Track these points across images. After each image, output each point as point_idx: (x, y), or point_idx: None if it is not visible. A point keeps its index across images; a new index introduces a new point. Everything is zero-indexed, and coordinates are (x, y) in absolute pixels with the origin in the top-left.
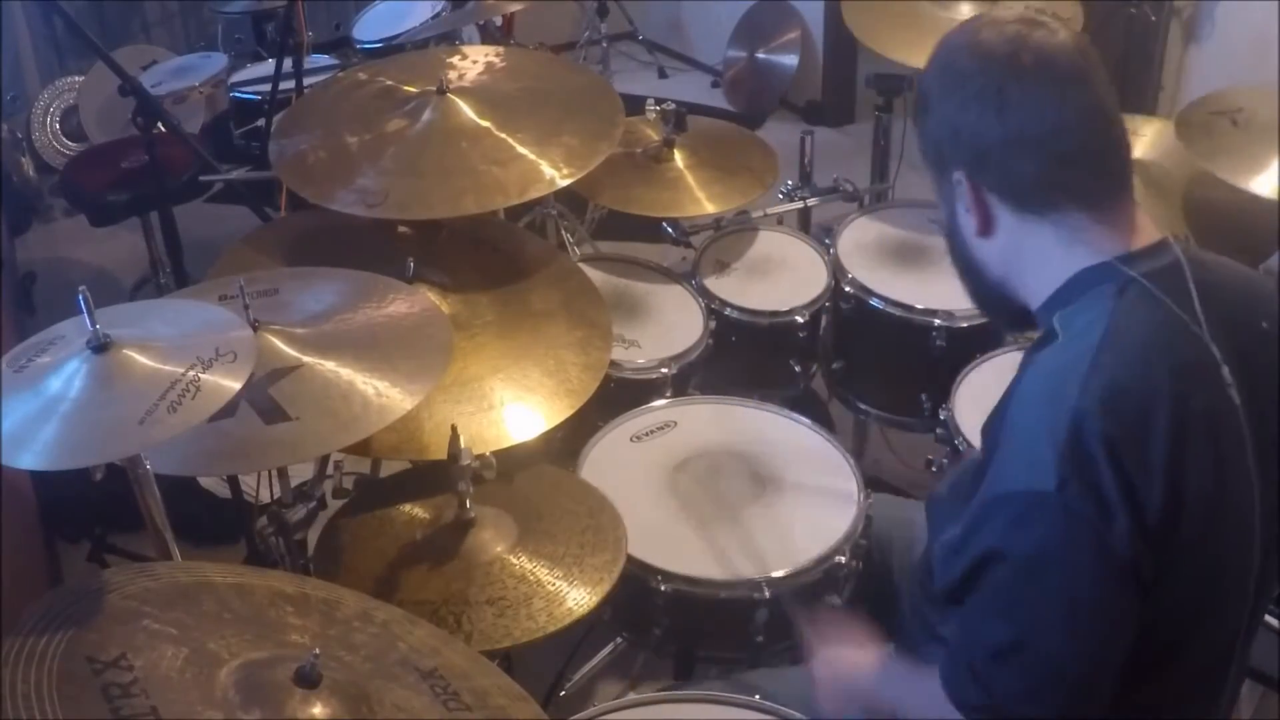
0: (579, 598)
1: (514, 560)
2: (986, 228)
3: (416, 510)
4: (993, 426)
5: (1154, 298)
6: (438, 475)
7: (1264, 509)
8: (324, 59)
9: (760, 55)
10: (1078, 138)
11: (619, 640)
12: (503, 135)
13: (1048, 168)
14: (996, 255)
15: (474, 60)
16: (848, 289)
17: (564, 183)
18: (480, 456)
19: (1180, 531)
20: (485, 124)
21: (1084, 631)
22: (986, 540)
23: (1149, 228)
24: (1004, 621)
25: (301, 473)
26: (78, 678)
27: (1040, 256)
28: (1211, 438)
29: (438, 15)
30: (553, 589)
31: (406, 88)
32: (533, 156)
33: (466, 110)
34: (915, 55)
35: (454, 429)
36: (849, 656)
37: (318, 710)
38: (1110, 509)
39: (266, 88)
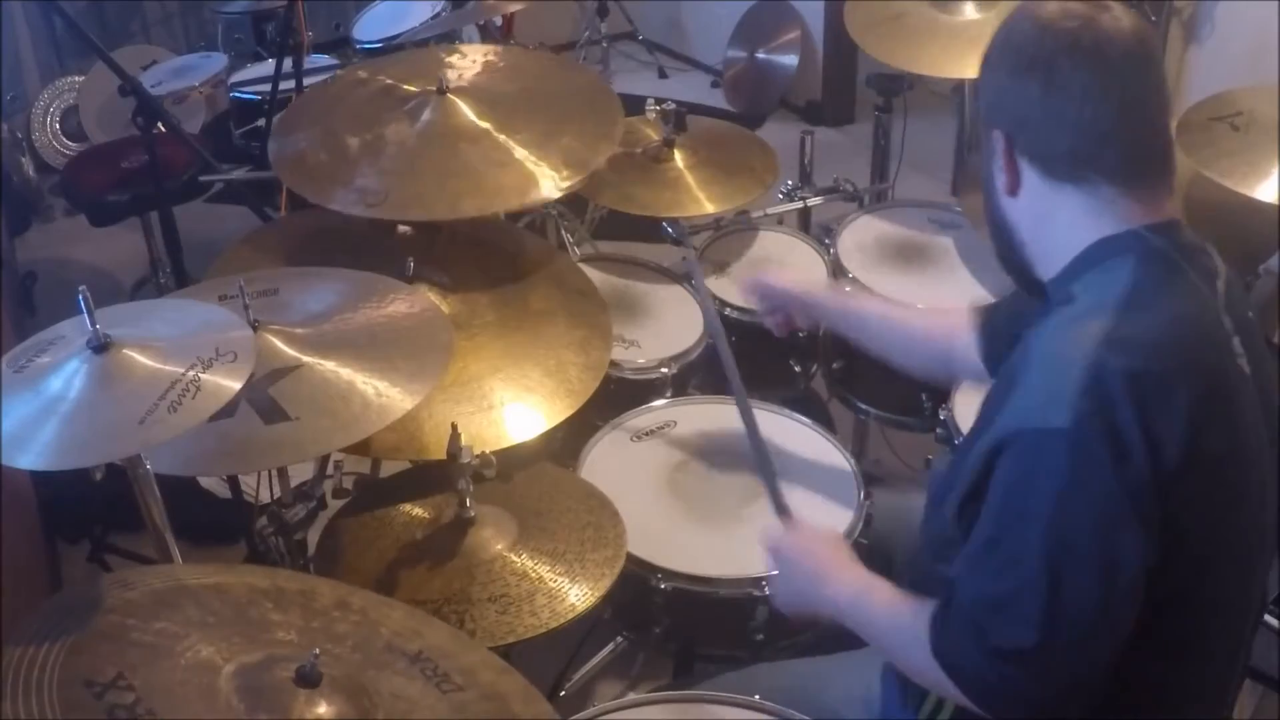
0: (581, 593)
1: (515, 558)
2: (1015, 188)
3: (416, 509)
4: (996, 387)
5: (1179, 267)
6: (437, 474)
7: (1272, 490)
8: (324, 59)
9: (760, 55)
10: (1112, 125)
11: (619, 640)
12: (502, 137)
13: (1078, 145)
14: (1023, 217)
15: (473, 59)
16: (848, 289)
17: (561, 192)
18: (480, 455)
19: (1197, 490)
20: (485, 125)
21: (1098, 569)
22: (998, 478)
23: (1172, 209)
24: (1007, 564)
25: (301, 473)
26: (81, 704)
27: (1066, 223)
28: (1230, 402)
29: (438, 15)
30: (555, 585)
31: (406, 87)
32: (532, 162)
33: (466, 111)
34: (915, 61)
35: (454, 427)
36: (827, 553)
37: (323, 709)
38: (1126, 448)
39: (266, 88)
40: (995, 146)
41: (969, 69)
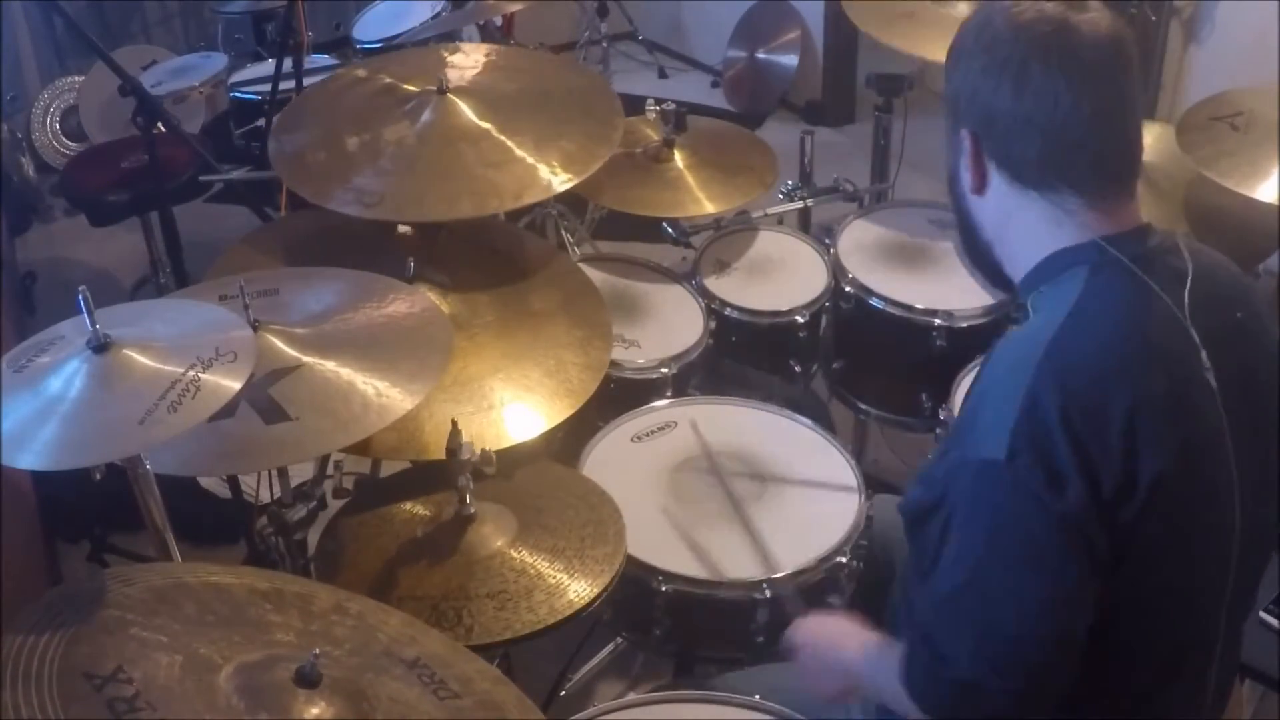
0: (580, 590)
1: (514, 554)
2: (981, 187)
3: (417, 507)
4: (965, 403)
5: (1134, 277)
6: (438, 472)
7: (1245, 498)
8: (324, 59)
9: (760, 55)
10: (1084, 133)
11: (619, 640)
12: (502, 138)
13: (1048, 152)
14: (989, 216)
15: (474, 58)
16: (848, 289)
17: (561, 188)
18: (480, 451)
19: (1142, 511)
20: (485, 125)
21: (1034, 601)
22: (947, 504)
23: (1138, 216)
24: (958, 587)
25: (301, 473)
26: (80, 696)
27: (1028, 229)
28: (1175, 419)
29: (438, 15)
30: (554, 581)
31: (406, 86)
32: (530, 160)
33: (466, 111)
34: (914, 44)
35: (454, 423)
36: (837, 627)
37: (322, 710)
38: (1062, 480)
39: (266, 88)
40: (962, 145)
41: None
